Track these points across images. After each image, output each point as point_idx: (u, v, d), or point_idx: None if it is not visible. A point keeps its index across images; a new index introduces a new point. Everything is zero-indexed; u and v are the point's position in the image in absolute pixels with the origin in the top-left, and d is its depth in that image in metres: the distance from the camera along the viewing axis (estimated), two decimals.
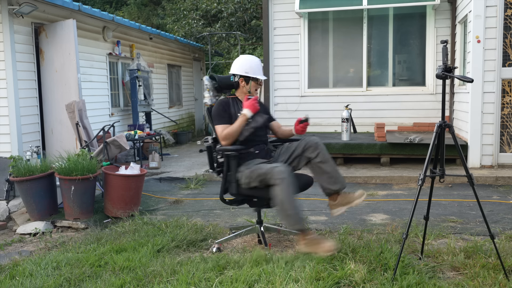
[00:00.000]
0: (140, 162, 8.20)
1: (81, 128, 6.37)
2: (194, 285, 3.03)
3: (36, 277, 3.34)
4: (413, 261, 3.30)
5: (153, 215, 5.15)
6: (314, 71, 9.20)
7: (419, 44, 8.83)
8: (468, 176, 3.14)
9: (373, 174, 6.78)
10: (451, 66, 3.11)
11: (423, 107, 8.61)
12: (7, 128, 6.53)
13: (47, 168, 5.17)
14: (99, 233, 4.37)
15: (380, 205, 5.40)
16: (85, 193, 4.95)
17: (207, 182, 6.99)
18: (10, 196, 5.68)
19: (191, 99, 13.96)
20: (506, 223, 4.44)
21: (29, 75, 6.91)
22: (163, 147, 10.38)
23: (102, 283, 3.19)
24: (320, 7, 8.68)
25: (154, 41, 11.34)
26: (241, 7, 15.51)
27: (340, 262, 3.28)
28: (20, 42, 6.68)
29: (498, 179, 6.23)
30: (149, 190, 6.40)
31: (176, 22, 18.05)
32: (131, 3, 24.11)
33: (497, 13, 6.55)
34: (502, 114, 6.67)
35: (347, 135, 7.65)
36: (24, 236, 4.82)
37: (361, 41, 8.91)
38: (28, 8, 6.46)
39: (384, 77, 9.07)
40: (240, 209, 5.25)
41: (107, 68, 9.08)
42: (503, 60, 6.60)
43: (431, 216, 4.39)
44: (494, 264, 3.23)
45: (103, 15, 8.50)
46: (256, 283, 3.00)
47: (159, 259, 3.57)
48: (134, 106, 9.58)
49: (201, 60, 15.00)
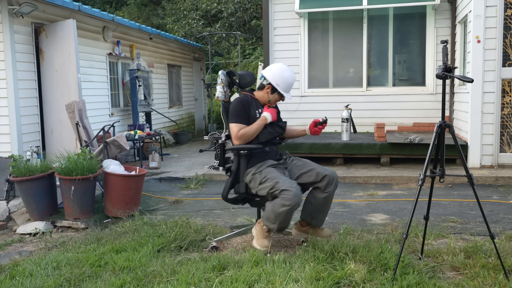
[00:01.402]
0: (140, 162, 8.20)
1: (81, 128, 6.37)
2: (194, 285, 3.03)
3: (36, 277, 3.34)
4: (413, 261, 3.30)
5: (153, 215, 5.15)
6: (314, 71, 9.20)
7: (419, 44, 8.83)
8: (468, 176, 3.14)
9: (373, 174, 6.78)
10: (451, 66, 3.12)
11: (423, 107, 8.61)
12: (7, 128, 6.53)
13: (47, 168, 5.17)
14: (99, 233, 4.37)
15: (380, 205, 5.40)
16: (85, 193, 4.95)
17: (207, 182, 6.98)
18: (10, 196, 5.68)
19: (191, 99, 13.96)
20: (506, 223, 4.44)
21: (29, 75, 6.91)
22: (163, 147, 10.38)
23: (102, 283, 3.19)
24: (320, 7, 8.68)
25: (154, 41, 11.34)
26: (241, 7, 15.51)
27: (340, 262, 3.28)
28: (20, 42, 6.68)
29: (498, 179, 6.23)
30: (149, 190, 6.40)
31: (176, 22, 18.04)
32: (131, 3, 24.11)
33: (497, 13, 6.55)
34: (502, 114, 6.67)
35: (347, 135, 7.65)
36: (24, 236, 4.82)
37: (361, 41, 8.91)
38: (28, 8, 6.46)
39: (384, 77, 9.07)
40: (240, 209, 5.25)
41: (107, 68, 9.08)
42: (503, 60, 6.60)
43: (431, 216, 4.39)
44: (494, 264, 3.23)
45: (103, 15, 8.50)
46: (256, 283, 3.00)
47: (159, 259, 3.57)
48: (134, 106, 9.58)
49: (201, 60, 15.00)
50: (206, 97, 15.36)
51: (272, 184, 3.43)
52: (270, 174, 3.52)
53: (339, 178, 6.74)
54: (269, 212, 3.46)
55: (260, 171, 3.59)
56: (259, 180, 3.54)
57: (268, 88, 3.79)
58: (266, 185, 3.47)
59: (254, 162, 3.66)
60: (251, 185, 3.62)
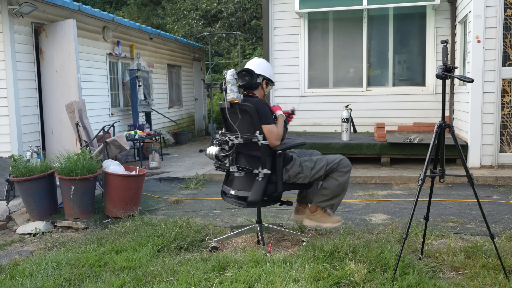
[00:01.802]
0: (140, 162, 8.20)
1: (81, 128, 6.37)
2: (194, 285, 3.03)
3: (36, 277, 3.34)
4: (413, 261, 3.30)
5: (153, 215, 5.15)
6: (314, 71, 9.21)
7: (419, 44, 8.83)
8: (468, 176, 3.14)
9: (373, 174, 6.78)
10: (451, 66, 3.12)
11: (423, 107, 8.61)
12: (7, 128, 6.53)
13: (47, 168, 5.17)
14: (99, 233, 4.37)
15: (380, 205, 5.40)
16: (85, 193, 4.95)
17: (207, 182, 6.98)
18: (10, 196, 5.68)
19: (191, 99, 13.96)
20: (506, 223, 4.44)
21: (29, 75, 6.91)
22: (163, 147, 10.38)
23: (102, 283, 3.19)
24: (320, 7, 8.68)
25: (154, 41, 11.34)
26: (241, 7, 15.51)
27: (340, 262, 3.28)
28: (20, 42, 6.67)
29: (498, 179, 6.23)
30: (149, 190, 6.40)
31: (176, 22, 18.05)
32: (131, 3, 24.11)
33: (497, 13, 6.55)
34: (502, 114, 6.67)
35: (347, 135, 7.65)
36: (24, 236, 4.82)
37: (361, 41, 8.91)
38: (28, 8, 6.46)
39: (384, 77, 9.07)
40: (240, 209, 5.25)
41: (107, 68, 9.08)
42: (503, 60, 6.60)
43: (431, 216, 4.39)
44: (494, 264, 3.23)
45: (103, 15, 8.50)
46: (256, 283, 3.00)
47: (159, 259, 3.57)
48: (134, 106, 9.58)
49: (201, 60, 14.99)
50: (206, 97, 15.36)
51: (325, 162, 3.80)
52: (314, 156, 3.89)
53: None
54: (334, 187, 3.79)
55: (304, 160, 3.84)
56: (310, 166, 3.79)
57: (265, 83, 4.02)
58: (321, 166, 3.79)
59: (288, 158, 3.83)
60: (303, 174, 3.79)
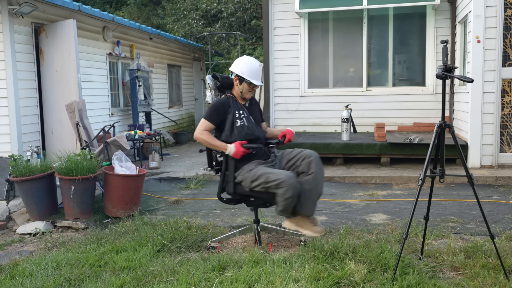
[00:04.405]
0: (140, 162, 8.20)
1: (81, 128, 6.37)
2: (194, 285, 3.03)
3: (36, 277, 3.34)
4: (413, 261, 3.30)
5: (153, 215, 5.15)
6: (314, 71, 9.20)
7: (419, 44, 8.83)
8: (468, 176, 3.14)
9: (373, 174, 6.78)
10: (451, 66, 3.12)
11: (423, 107, 8.61)
12: (7, 128, 6.53)
13: (47, 168, 5.17)
14: (99, 233, 4.37)
15: (380, 205, 5.40)
16: (85, 193, 4.95)
17: (207, 182, 6.98)
18: (10, 196, 5.68)
19: (191, 99, 13.96)
20: (506, 223, 4.44)
21: (29, 75, 6.90)
22: (163, 147, 10.38)
23: (102, 283, 3.19)
24: (320, 7, 8.68)
25: (154, 41, 11.34)
26: (241, 7, 15.51)
27: (340, 262, 3.28)
28: (20, 42, 6.67)
29: (498, 179, 6.22)
30: (149, 190, 6.40)
31: (176, 22, 18.05)
32: (131, 3, 24.10)
33: (497, 13, 6.55)
34: (502, 114, 6.67)
35: (347, 135, 7.65)
36: (24, 236, 4.82)
37: (361, 41, 8.91)
38: (28, 8, 6.46)
39: (384, 77, 9.07)
40: (241, 209, 5.25)
41: (107, 68, 9.08)
42: (503, 60, 6.60)
43: (431, 216, 4.38)
44: (494, 264, 3.23)
45: (103, 15, 8.50)
46: (256, 283, 3.00)
47: (159, 259, 3.57)
48: (134, 106, 9.58)
49: (201, 60, 14.99)
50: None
51: (264, 179, 3.50)
52: (259, 171, 3.58)
53: (339, 178, 6.79)
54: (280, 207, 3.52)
55: (250, 171, 3.62)
56: (253, 178, 3.57)
57: (236, 80, 3.87)
58: (259, 182, 3.53)
59: (243, 161, 3.68)
60: (243, 184, 3.64)
